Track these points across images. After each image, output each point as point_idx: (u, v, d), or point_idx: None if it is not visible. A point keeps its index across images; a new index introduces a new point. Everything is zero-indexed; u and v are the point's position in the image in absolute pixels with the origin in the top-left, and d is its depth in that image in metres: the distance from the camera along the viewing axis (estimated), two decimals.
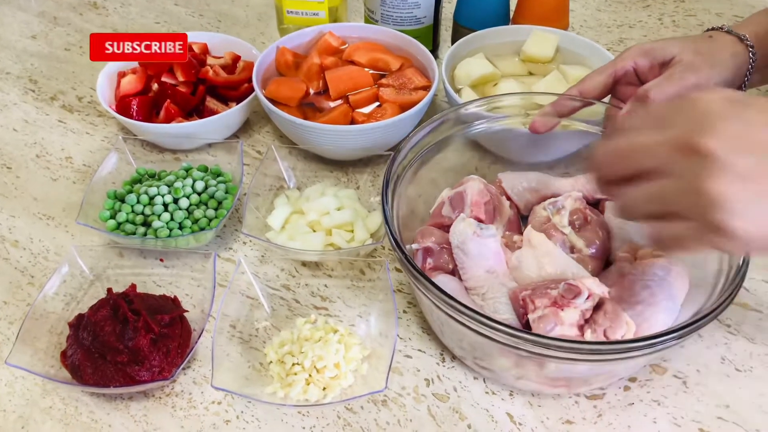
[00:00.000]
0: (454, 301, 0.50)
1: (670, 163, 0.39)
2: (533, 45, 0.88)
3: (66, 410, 0.60)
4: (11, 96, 0.97)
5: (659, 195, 0.40)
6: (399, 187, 0.63)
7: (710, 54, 0.63)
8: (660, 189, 0.40)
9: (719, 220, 0.37)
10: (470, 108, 0.69)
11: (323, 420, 0.60)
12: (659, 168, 0.40)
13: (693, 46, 0.63)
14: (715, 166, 0.37)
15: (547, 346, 0.48)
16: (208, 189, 0.75)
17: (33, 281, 0.72)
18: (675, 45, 0.64)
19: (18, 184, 0.83)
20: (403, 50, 0.89)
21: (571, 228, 0.62)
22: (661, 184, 0.40)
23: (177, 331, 0.62)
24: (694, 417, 0.59)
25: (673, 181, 0.39)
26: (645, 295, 0.55)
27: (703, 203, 0.37)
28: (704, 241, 0.39)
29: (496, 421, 0.59)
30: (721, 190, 0.37)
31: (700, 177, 0.37)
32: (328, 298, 0.70)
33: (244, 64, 0.91)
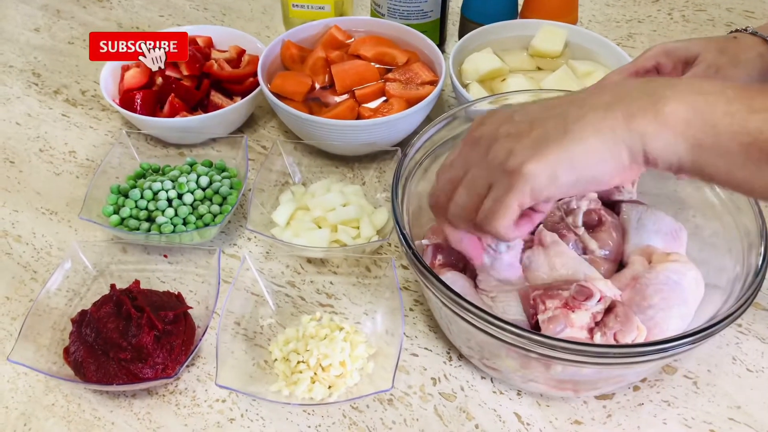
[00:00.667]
0: (462, 299, 0.50)
1: (467, 162, 0.48)
2: (542, 40, 0.87)
3: (69, 407, 0.60)
4: (14, 89, 0.96)
5: (466, 183, 0.47)
6: (409, 183, 0.62)
7: (734, 54, 0.61)
8: (466, 179, 0.47)
9: (509, 166, 0.43)
10: (480, 105, 0.68)
11: (329, 419, 0.59)
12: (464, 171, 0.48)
13: (717, 46, 0.62)
14: (493, 139, 0.46)
15: (554, 348, 0.47)
16: (213, 184, 0.74)
17: (36, 277, 0.71)
18: (698, 44, 0.63)
19: (21, 178, 0.83)
20: (410, 44, 0.88)
21: (585, 228, 0.61)
22: (466, 176, 0.47)
23: (181, 327, 0.61)
24: (705, 418, 0.58)
25: (472, 169, 0.47)
26: (657, 300, 0.54)
27: (495, 164, 0.45)
28: (509, 191, 0.44)
29: (503, 421, 0.59)
30: (501, 148, 0.45)
31: (486, 151, 0.46)
32: (334, 296, 0.69)
33: (249, 58, 0.90)
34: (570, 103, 0.45)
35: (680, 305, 0.54)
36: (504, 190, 0.44)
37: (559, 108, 0.45)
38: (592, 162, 0.43)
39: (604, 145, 0.42)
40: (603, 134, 0.42)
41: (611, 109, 0.43)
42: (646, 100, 0.42)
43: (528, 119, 0.45)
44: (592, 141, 0.42)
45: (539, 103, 0.48)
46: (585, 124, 0.43)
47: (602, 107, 0.43)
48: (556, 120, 0.44)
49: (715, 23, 1.08)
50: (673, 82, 0.43)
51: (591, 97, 0.45)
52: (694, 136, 0.41)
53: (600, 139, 0.42)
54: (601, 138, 0.42)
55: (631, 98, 0.43)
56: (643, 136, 0.42)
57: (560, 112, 0.44)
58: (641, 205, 0.64)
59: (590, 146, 0.42)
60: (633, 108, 0.42)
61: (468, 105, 0.69)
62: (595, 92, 0.45)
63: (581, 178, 0.43)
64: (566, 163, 0.42)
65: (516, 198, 0.44)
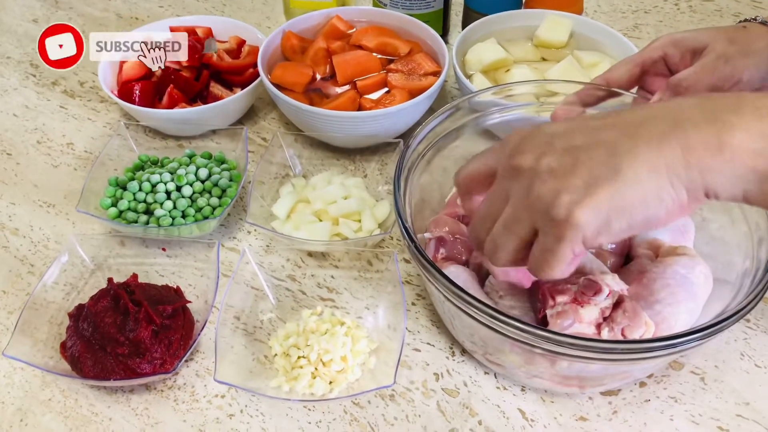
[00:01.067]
0: (466, 294, 0.49)
1: (506, 194, 0.43)
2: (547, 30, 0.86)
3: (66, 403, 0.59)
4: (12, 81, 0.95)
5: (505, 222, 0.43)
6: (412, 175, 0.61)
7: (745, 43, 0.60)
8: (504, 217, 0.43)
9: (558, 214, 0.39)
10: (483, 96, 0.67)
11: (329, 415, 0.58)
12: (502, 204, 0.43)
13: (726, 36, 0.60)
14: (535, 175, 0.40)
15: (560, 344, 0.46)
16: (212, 177, 0.73)
17: (33, 270, 0.70)
18: (707, 34, 0.61)
19: (18, 170, 0.82)
20: (413, 35, 0.86)
21: None
22: (504, 213, 0.43)
23: (179, 322, 0.60)
24: (713, 415, 0.57)
25: (511, 205, 0.42)
26: (665, 294, 0.53)
27: (540, 208, 0.40)
28: (560, 241, 0.40)
29: (507, 417, 0.58)
30: (546, 189, 0.40)
31: (528, 190, 0.41)
32: (335, 290, 0.68)
33: (249, 48, 0.89)
34: (620, 130, 0.40)
35: (688, 300, 0.53)
36: (554, 240, 0.40)
37: (605, 133, 0.40)
38: (648, 204, 0.38)
39: (660, 186, 0.38)
40: (659, 174, 0.38)
41: (667, 142, 0.38)
42: (708, 130, 0.38)
43: (572, 150, 0.40)
44: (647, 183, 0.38)
45: (582, 124, 0.42)
46: (638, 162, 0.38)
47: (656, 139, 0.38)
48: (604, 154, 0.39)
49: (723, 14, 1.07)
50: (737, 103, 0.39)
51: (643, 125, 0.40)
52: (766, 166, 0.37)
53: (656, 180, 0.38)
54: (657, 178, 0.38)
55: (689, 125, 0.38)
56: (705, 172, 0.38)
57: (608, 142, 0.40)
58: None
59: (645, 189, 0.38)
60: (693, 140, 0.38)
61: (471, 96, 0.67)
62: (648, 116, 0.40)
63: (635, 222, 0.39)
64: (619, 207, 0.38)
65: (569, 248, 0.40)
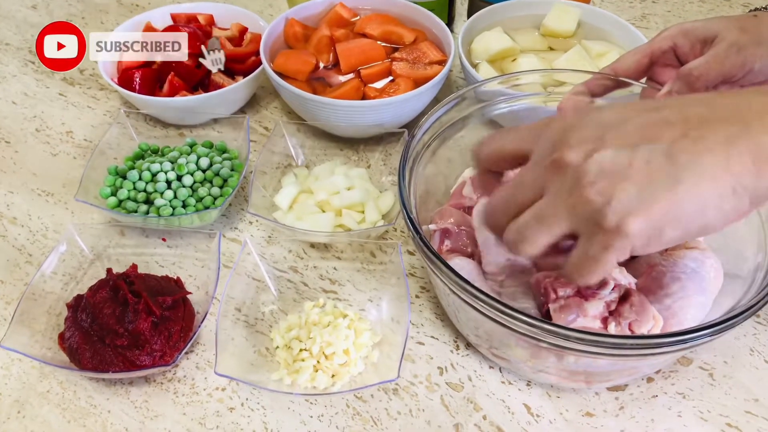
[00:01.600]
0: (471, 286, 0.47)
1: (540, 185, 0.39)
2: (554, 19, 0.84)
3: (64, 395, 0.58)
4: (10, 68, 0.94)
5: (538, 215, 0.39)
6: (416, 166, 0.60)
7: (757, 32, 0.59)
8: (538, 209, 0.39)
9: (608, 222, 0.36)
10: (489, 85, 0.66)
11: (332, 408, 0.57)
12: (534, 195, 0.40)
13: (737, 24, 0.59)
14: (582, 173, 0.37)
15: (567, 338, 0.45)
16: (213, 166, 0.72)
17: (31, 260, 0.69)
18: (718, 23, 0.60)
19: (17, 158, 0.81)
20: (418, 23, 0.85)
21: None
22: (537, 204, 0.40)
23: (179, 313, 0.59)
24: (722, 411, 0.57)
25: (548, 198, 0.39)
26: (675, 288, 0.52)
27: (587, 212, 0.37)
28: (607, 250, 0.37)
29: (512, 412, 0.57)
30: (595, 193, 0.36)
31: (573, 188, 0.37)
32: (338, 282, 0.67)
33: (251, 36, 0.87)
34: (681, 130, 0.36)
35: (699, 294, 0.52)
36: (600, 248, 0.37)
37: (665, 131, 0.37)
38: (705, 212, 0.36)
39: (722, 196, 0.35)
40: (723, 183, 0.35)
41: (735, 149, 0.35)
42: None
43: (626, 148, 0.37)
44: (709, 193, 0.35)
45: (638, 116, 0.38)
46: (701, 171, 0.35)
47: (722, 145, 0.35)
48: (663, 159, 0.36)
49: (732, 3, 1.05)
50: None
51: (708, 124, 0.36)
52: None
53: (719, 190, 0.35)
54: (721, 188, 0.35)
55: (760, 129, 0.35)
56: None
57: (668, 144, 0.36)
58: None
59: (706, 200, 0.35)
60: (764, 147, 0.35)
61: (477, 85, 0.66)
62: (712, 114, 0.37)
63: (689, 231, 0.37)
64: (675, 219, 0.36)
65: (614, 257, 0.37)
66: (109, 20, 1.04)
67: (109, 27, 1.01)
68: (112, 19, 1.04)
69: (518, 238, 0.41)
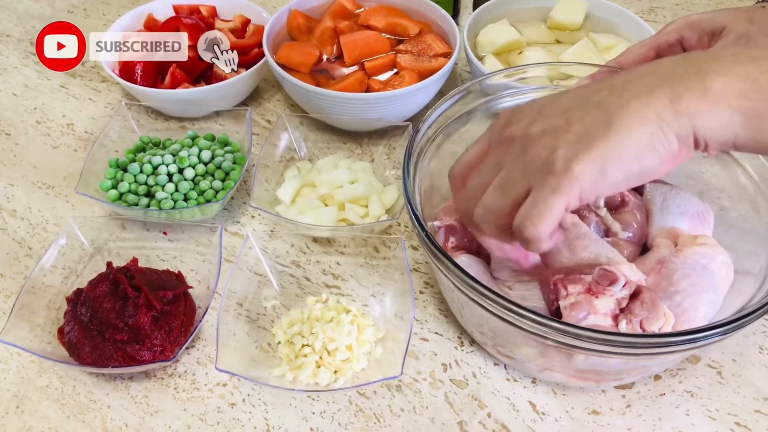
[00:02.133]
0: (480, 284, 0.47)
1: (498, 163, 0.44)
2: (561, 11, 0.83)
3: (63, 390, 0.58)
4: (11, 59, 0.93)
5: (498, 184, 0.43)
6: (421, 160, 0.59)
7: (765, 23, 0.57)
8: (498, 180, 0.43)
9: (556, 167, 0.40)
10: (495, 78, 0.65)
11: (334, 405, 0.57)
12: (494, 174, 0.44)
13: (745, 16, 0.58)
14: (528, 139, 0.42)
15: (578, 337, 0.44)
16: (215, 159, 0.72)
17: (31, 253, 0.68)
18: (725, 15, 0.59)
19: (17, 151, 0.80)
20: (423, 15, 0.84)
21: (607, 209, 0.58)
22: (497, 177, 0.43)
23: (180, 308, 0.59)
24: (730, 410, 0.56)
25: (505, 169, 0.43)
26: (685, 285, 0.51)
27: (536, 164, 0.41)
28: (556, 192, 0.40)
29: (517, 410, 0.56)
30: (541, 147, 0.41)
31: (522, 151, 0.42)
32: (341, 277, 0.66)
33: (254, 27, 0.87)
34: (609, 91, 0.41)
35: (709, 291, 0.51)
36: (550, 191, 0.40)
37: (596, 96, 0.42)
38: (642, 154, 0.39)
39: (651, 134, 0.39)
40: (649, 122, 0.39)
41: (655, 93, 0.39)
42: (692, 79, 0.39)
43: (562, 113, 0.42)
44: (639, 131, 0.39)
45: (568, 94, 0.44)
46: (629, 112, 0.39)
47: (644, 92, 0.40)
48: (596, 111, 0.40)
49: None
50: (717, 55, 0.40)
51: (630, 82, 0.41)
52: (752, 108, 0.38)
53: (647, 128, 0.39)
54: (648, 126, 0.39)
55: (675, 78, 0.40)
56: (693, 116, 0.39)
57: (599, 102, 0.41)
58: (666, 185, 0.61)
59: (638, 137, 0.39)
60: (678, 88, 0.39)
61: (483, 78, 0.65)
62: (634, 76, 0.42)
63: (631, 172, 0.40)
64: (615, 158, 0.39)
65: (564, 199, 0.40)
66: (110, 11, 1.03)
67: (111, 18, 1.00)
68: (114, 10, 1.03)
69: (482, 214, 0.45)
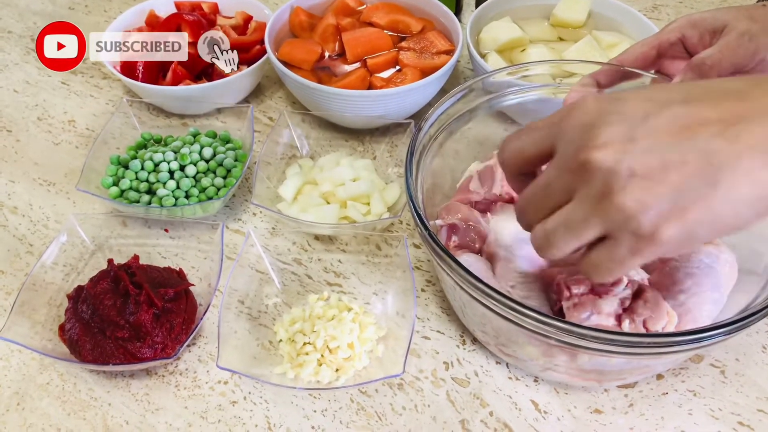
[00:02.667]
0: (483, 284, 0.46)
1: (569, 187, 0.37)
2: (564, 9, 0.83)
3: (64, 387, 0.57)
4: (12, 56, 0.93)
5: (567, 221, 0.37)
6: (423, 158, 0.59)
7: (766, 20, 0.57)
8: (567, 215, 0.37)
9: (643, 230, 0.34)
10: (498, 76, 0.65)
11: (335, 403, 0.56)
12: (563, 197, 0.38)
13: (747, 14, 0.58)
14: (614, 178, 0.34)
15: (583, 337, 0.44)
16: (217, 156, 0.71)
17: (32, 250, 0.68)
18: (726, 13, 0.59)
19: (18, 147, 0.80)
20: (425, 12, 0.84)
21: None
22: (566, 209, 0.37)
23: (182, 305, 0.58)
24: (733, 409, 0.55)
25: (577, 203, 0.37)
26: (689, 284, 0.50)
27: (619, 218, 0.35)
28: (636, 255, 0.36)
29: (519, 408, 0.56)
30: (628, 199, 0.34)
31: (603, 194, 0.35)
32: (342, 275, 0.66)
33: (256, 24, 0.86)
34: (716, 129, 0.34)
35: (713, 290, 0.51)
36: (629, 252, 0.36)
37: (701, 130, 0.34)
38: (739, 216, 0.34)
39: (759, 194, 0.34)
40: (760, 183, 0.33)
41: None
42: None
43: (659, 148, 0.34)
44: (744, 193, 0.34)
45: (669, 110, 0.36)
46: (739, 174, 0.33)
47: (761, 145, 0.33)
48: (700, 161, 0.34)
49: None
50: None
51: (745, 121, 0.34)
52: None
53: (756, 190, 0.34)
54: (758, 188, 0.34)
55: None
56: None
57: (705, 145, 0.34)
58: None
59: (742, 199, 0.34)
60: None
61: (486, 76, 0.65)
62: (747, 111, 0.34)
63: (722, 231, 0.35)
64: (709, 222, 0.34)
65: (641, 261, 0.36)
66: (112, 8, 1.03)
67: (112, 15, 1.00)
68: (116, 6, 1.03)
69: (545, 244, 0.39)
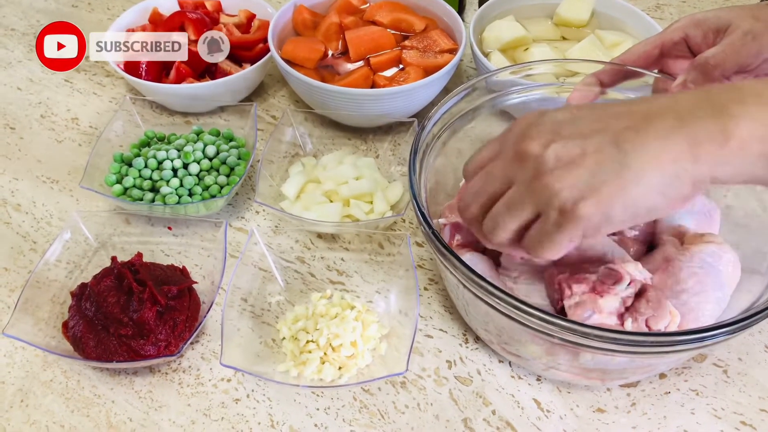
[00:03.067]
0: (487, 282, 0.46)
1: (509, 177, 0.44)
2: (567, 8, 0.83)
3: (68, 384, 0.57)
4: (16, 53, 0.93)
5: (508, 203, 0.43)
6: (427, 157, 0.59)
7: None
8: (507, 198, 0.43)
9: (564, 205, 0.40)
10: (501, 75, 0.65)
11: (338, 401, 0.56)
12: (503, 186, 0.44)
13: (750, 13, 0.58)
14: (543, 163, 0.41)
15: (585, 335, 0.44)
16: (220, 154, 0.71)
17: (35, 247, 0.68)
18: (730, 13, 0.59)
19: (21, 145, 0.80)
20: (428, 11, 0.84)
21: None
22: (507, 194, 0.43)
23: (185, 303, 0.58)
24: (736, 409, 0.55)
25: (515, 188, 0.43)
26: (692, 283, 0.50)
27: (545, 195, 0.41)
28: (560, 229, 0.41)
29: (522, 407, 0.56)
30: (553, 179, 0.40)
31: (534, 176, 0.41)
32: (345, 273, 0.66)
33: (259, 23, 0.86)
34: (628, 123, 0.40)
35: (716, 289, 0.50)
36: (554, 226, 0.41)
37: (614, 124, 0.40)
38: (651, 197, 0.39)
39: (666, 179, 0.39)
40: (664, 168, 0.38)
41: (673, 138, 0.39)
42: (713, 123, 0.38)
43: (579, 139, 0.41)
44: (653, 177, 0.39)
45: (589, 115, 0.43)
46: (645, 156, 0.39)
47: (663, 135, 0.39)
48: (612, 148, 0.39)
49: None
50: (739, 94, 0.39)
51: (651, 118, 0.40)
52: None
53: (662, 174, 0.38)
54: (663, 172, 0.38)
55: (695, 120, 0.39)
56: (713, 164, 0.38)
57: (616, 133, 0.40)
58: None
59: (650, 182, 0.39)
60: (699, 134, 0.38)
61: (489, 75, 0.65)
62: (655, 110, 0.41)
63: (637, 214, 0.40)
64: (622, 201, 0.39)
65: (567, 237, 0.41)
66: (115, 5, 1.03)
67: (115, 12, 1.00)
68: (119, 4, 1.03)
69: (493, 226, 0.45)
